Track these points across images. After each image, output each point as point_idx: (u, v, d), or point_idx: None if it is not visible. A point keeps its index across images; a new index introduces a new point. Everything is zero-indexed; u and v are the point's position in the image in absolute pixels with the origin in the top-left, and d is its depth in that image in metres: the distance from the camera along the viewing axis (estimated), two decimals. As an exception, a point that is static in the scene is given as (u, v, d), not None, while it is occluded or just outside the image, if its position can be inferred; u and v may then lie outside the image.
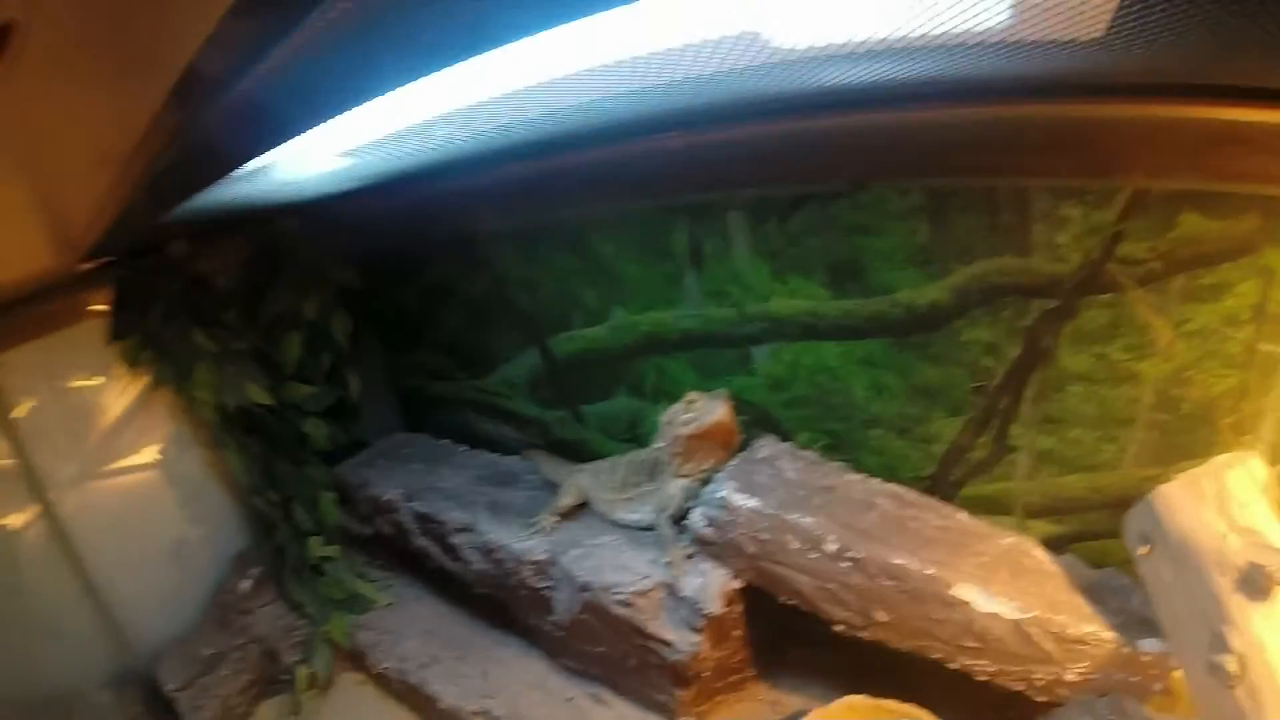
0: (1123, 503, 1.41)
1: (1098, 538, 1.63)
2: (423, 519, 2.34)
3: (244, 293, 2.56)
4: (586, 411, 2.49)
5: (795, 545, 1.65)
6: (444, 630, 2.35)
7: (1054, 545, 1.60)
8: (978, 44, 1.04)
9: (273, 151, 1.57)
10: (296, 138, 1.48)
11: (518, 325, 2.55)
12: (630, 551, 1.94)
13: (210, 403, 2.41)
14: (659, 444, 1.93)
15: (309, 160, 1.76)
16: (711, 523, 1.77)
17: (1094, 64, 1.10)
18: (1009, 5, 0.90)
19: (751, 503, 1.71)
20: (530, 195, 2.26)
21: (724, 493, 1.75)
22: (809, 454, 1.87)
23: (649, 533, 1.96)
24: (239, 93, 1.17)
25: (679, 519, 1.88)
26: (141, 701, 2.23)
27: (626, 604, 1.82)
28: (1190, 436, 1.48)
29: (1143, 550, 1.33)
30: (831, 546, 1.61)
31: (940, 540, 1.60)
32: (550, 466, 2.39)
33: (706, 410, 1.82)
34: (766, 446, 1.89)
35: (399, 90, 1.24)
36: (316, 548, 2.49)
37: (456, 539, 2.24)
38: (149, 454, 2.52)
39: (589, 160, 1.97)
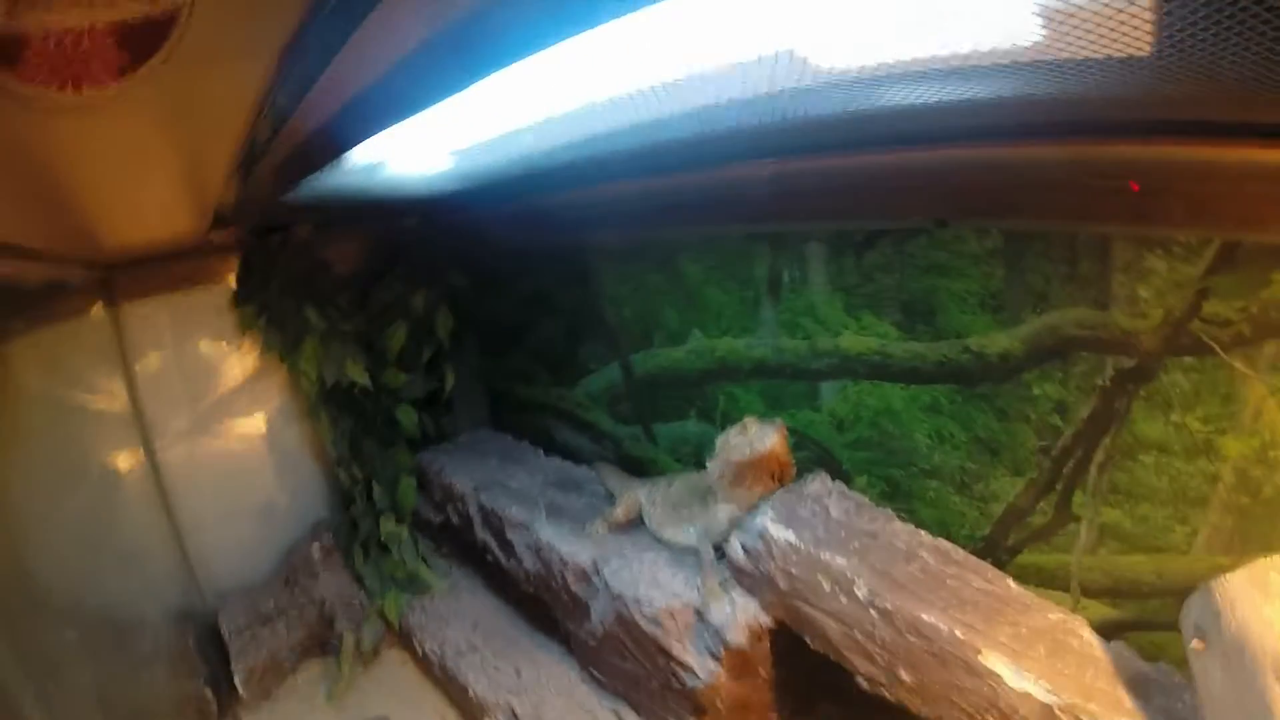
0: (1188, 592, 1.23)
1: (1155, 628, 1.44)
2: (485, 512, 2.36)
3: (359, 281, 2.70)
4: (658, 431, 2.45)
5: (826, 587, 1.55)
6: (490, 624, 2.34)
7: (1107, 630, 1.41)
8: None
9: (380, 140, 1.64)
10: (396, 125, 1.54)
11: (604, 339, 2.56)
12: (670, 570, 1.88)
13: (312, 375, 2.53)
14: (712, 467, 1.87)
15: (422, 157, 1.83)
16: (747, 552, 1.69)
17: (1182, 92, 0.98)
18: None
19: (787, 535, 1.62)
20: (628, 214, 2.27)
21: (762, 522, 1.66)
22: (859, 496, 1.76)
23: (693, 555, 1.89)
24: (337, 75, 1.24)
25: (722, 545, 1.81)
26: (197, 638, 2.35)
27: (655, 621, 1.76)
28: (1271, 526, 1.29)
29: (1195, 644, 1.15)
30: (861, 592, 1.49)
31: (979, 604, 1.45)
32: (614, 479, 2.36)
33: (759, 438, 1.74)
34: (817, 483, 1.79)
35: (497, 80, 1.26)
36: (387, 526, 2.55)
37: (512, 535, 2.24)
38: (257, 422, 2.68)
39: (682, 183, 1.96)
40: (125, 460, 2.36)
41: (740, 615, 1.67)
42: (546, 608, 2.18)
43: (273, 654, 2.30)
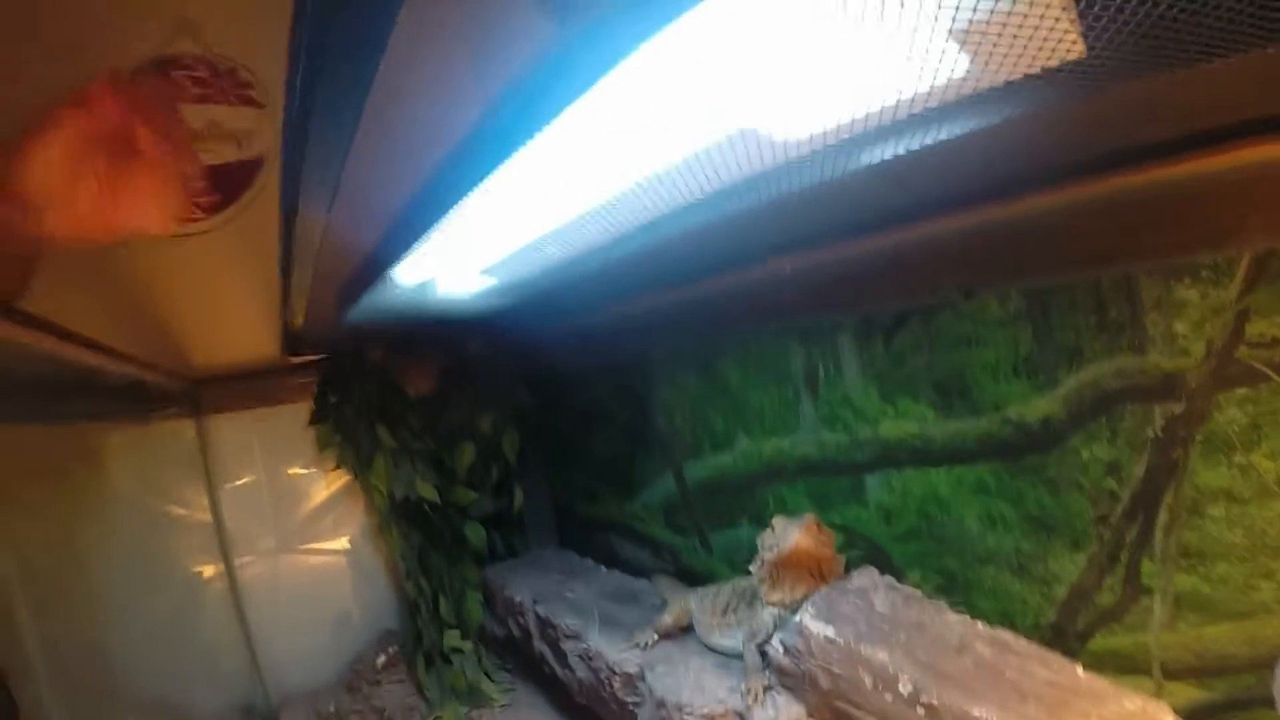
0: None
1: (1253, 706, 1.18)
2: (543, 622, 2.25)
3: (431, 402, 2.77)
4: (713, 539, 2.33)
5: (868, 683, 1.37)
6: (545, 741, 2.20)
7: (1197, 715, 1.18)
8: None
9: (418, 258, 1.73)
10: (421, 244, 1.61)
11: (657, 450, 2.50)
12: (715, 675, 1.72)
13: (383, 491, 2.57)
14: (754, 570, 1.76)
15: (460, 274, 1.92)
16: (788, 651, 1.53)
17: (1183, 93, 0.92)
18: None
19: (827, 631, 1.46)
20: (667, 324, 2.28)
21: (801, 619, 1.52)
22: (909, 589, 1.58)
23: (740, 659, 1.74)
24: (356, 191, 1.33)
25: (765, 647, 1.66)
26: None
27: (696, 727, 1.60)
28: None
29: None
30: (905, 688, 1.31)
31: (1042, 696, 1.25)
32: (670, 589, 2.24)
33: (784, 535, 1.62)
34: (863, 577, 1.63)
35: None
36: (451, 639, 2.48)
37: (566, 645, 2.13)
38: (334, 538, 2.72)
39: (710, 289, 1.96)
40: (206, 568, 2.42)
41: (783, 718, 1.50)
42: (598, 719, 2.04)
43: (327, 755, 2.23)
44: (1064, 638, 1.43)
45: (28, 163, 0.81)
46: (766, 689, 1.57)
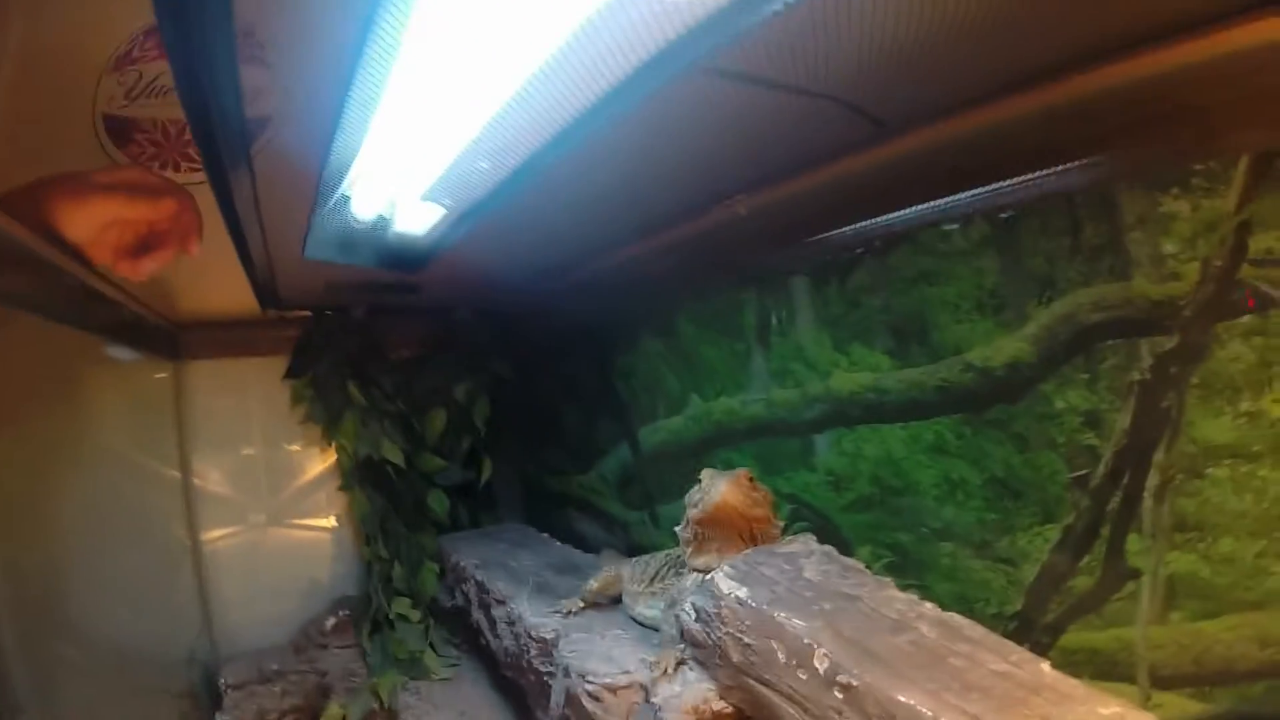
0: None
1: None
2: (480, 587, 1.92)
3: (409, 366, 2.49)
4: (661, 513, 1.98)
5: (781, 657, 1.02)
6: (476, 713, 1.85)
7: (1192, 735, 0.80)
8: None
9: (353, 185, 1.46)
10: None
11: (615, 418, 2.17)
12: (631, 646, 1.38)
13: (349, 449, 2.29)
14: (680, 533, 1.40)
15: (405, 208, 1.65)
16: (699, 616, 1.18)
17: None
18: None
19: (739, 591, 1.11)
20: (630, 282, 1.97)
21: (714, 577, 1.17)
22: (852, 561, 1.22)
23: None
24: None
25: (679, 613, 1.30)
26: (196, 684, 2.06)
27: (595, 697, 1.25)
28: None
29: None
30: (822, 664, 0.95)
31: (991, 690, 0.88)
32: (611, 561, 1.89)
33: (711, 489, 1.27)
34: (799, 543, 1.27)
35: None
36: (400, 606, 2.16)
37: (496, 611, 1.79)
38: (303, 497, 2.44)
39: (672, 240, 1.65)
40: (171, 515, 2.16)
41: (688, 696, 1.14)
42: (522, 695, 1.69)
43: (261, 713, 1.90)
44: (1031, 630, 1.07)
45: (74, 211, 0.89)
46: (680, 663, 1.22)
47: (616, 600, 1.62)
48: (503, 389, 2.52)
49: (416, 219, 1.71)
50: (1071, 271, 0.98)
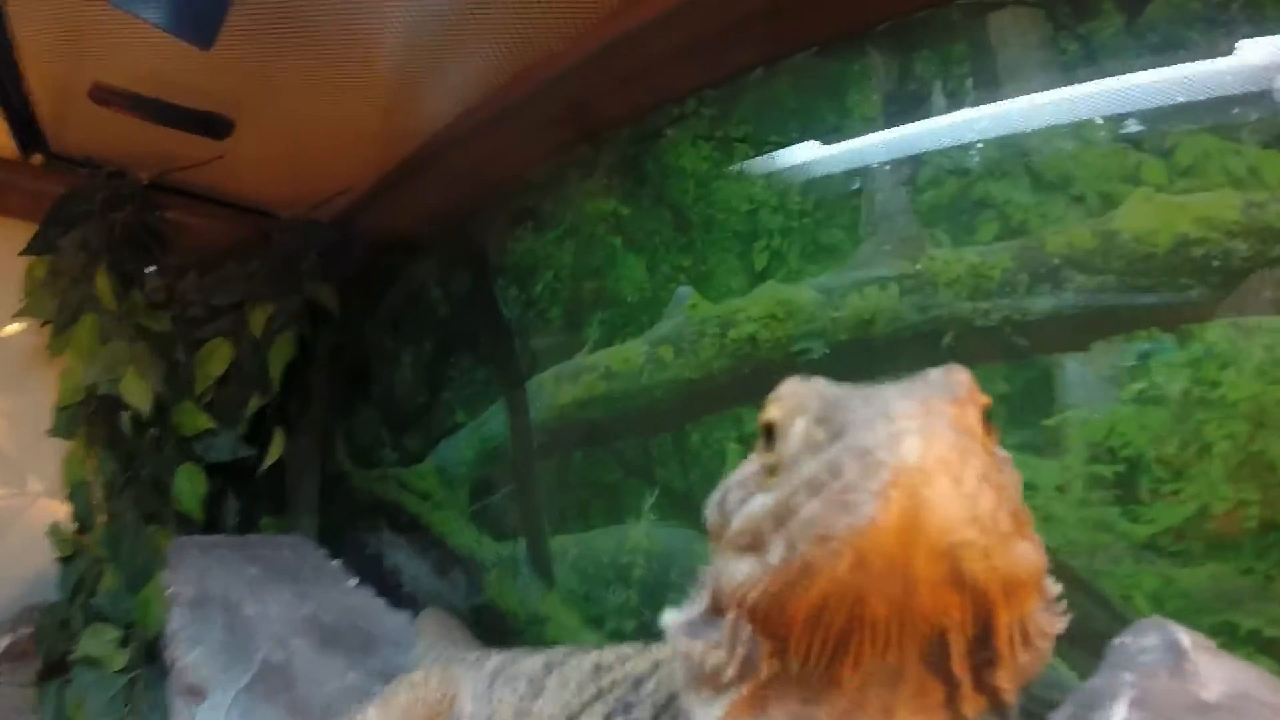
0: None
1: None
2: (176, 656, 1.15)
3: (192, 270, 1.67)
4: (566, 549, 1.19)
5: None
6: None
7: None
8: None
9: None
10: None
11: (486, 355, 1.37)
12: None
13: (76, 373, 1.48)
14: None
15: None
16: None
17: None
18: None
19: None
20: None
21: None
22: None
23: None
24: None
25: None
26: None
27: None
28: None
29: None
30: None
31: None
32: (435, 645, 1.15)
33: (842, 445, 0.34)
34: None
35: None
36: (93, 644, 1.38)
37: (185, 705, 1.04)
38: (22, 479, 1.63)
39: None
40: None
41: None
42: None
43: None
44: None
45: None
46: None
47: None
48: (318, 328, 1.72)
49: None
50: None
